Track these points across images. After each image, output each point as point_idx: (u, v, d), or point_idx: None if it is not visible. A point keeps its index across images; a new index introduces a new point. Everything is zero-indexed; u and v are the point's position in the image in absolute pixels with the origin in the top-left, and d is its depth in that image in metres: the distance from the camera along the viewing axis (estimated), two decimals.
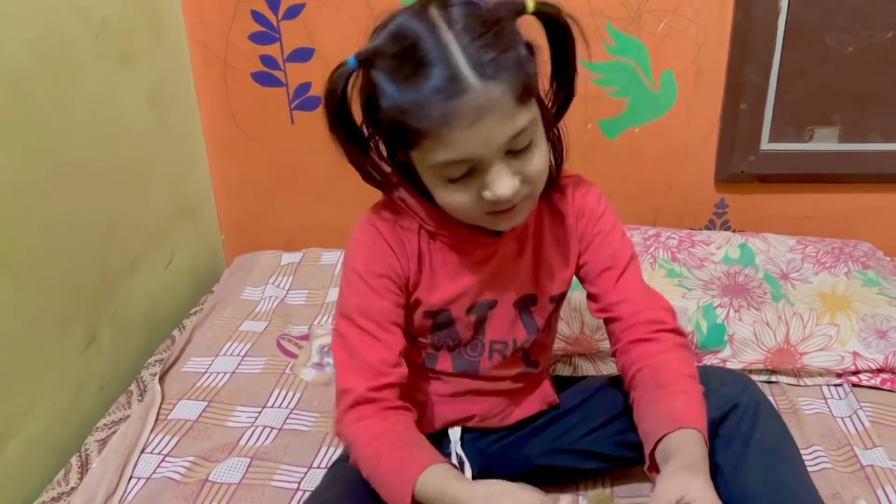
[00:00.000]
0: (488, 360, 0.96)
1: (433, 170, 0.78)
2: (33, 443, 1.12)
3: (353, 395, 0.87)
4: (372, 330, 0.88)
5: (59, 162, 1.16)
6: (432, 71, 0.71)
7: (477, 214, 0.81)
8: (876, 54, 1.42)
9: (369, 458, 0.85)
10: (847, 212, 1.58)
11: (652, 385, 0.89)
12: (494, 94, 0.72)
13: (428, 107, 0.72)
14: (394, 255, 0.89)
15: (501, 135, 0.75)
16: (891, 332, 1.23)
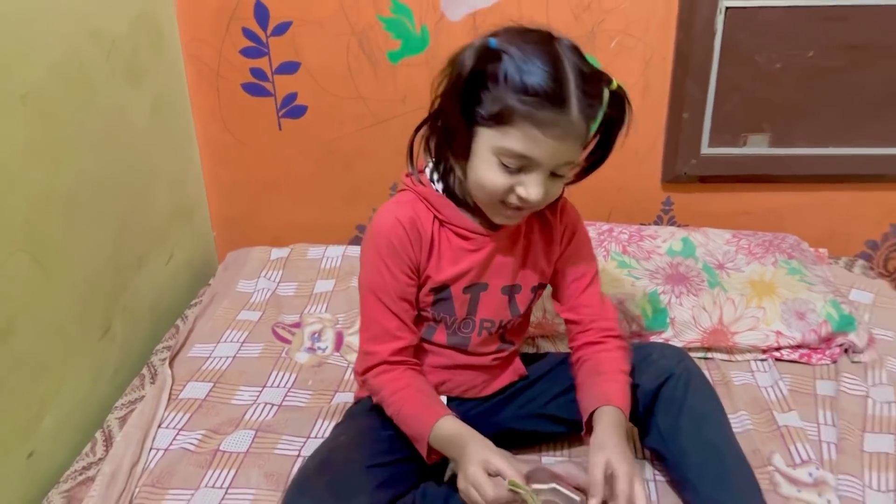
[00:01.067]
0: (478, 336, 1.13)
1: (498, 150, 0.94)
2: (63, 420, 1.26)
3: (376, 357, 1.07)
4: (389, 302, 1.06)
5: (80, 172, 1.30)
6: (552, 85, 0.89)
7: (495, 199, 0.99)
8: (799, 70, 1.60)
9: (394, 403, 1.05)
10: (777, 208, 1.76)
11: (593, 372, 1.10)
12: (580, 129, 0.93)
13: (536, 105, 0.90)
14: (410, 245, 1.05)
15: (561, 158, 0.95)
16: (808, 313, 1.43)
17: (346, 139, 1.77)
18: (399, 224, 1.05)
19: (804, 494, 1.11)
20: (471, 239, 1.08)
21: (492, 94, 0.93)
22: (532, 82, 0.90)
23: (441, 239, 1.08)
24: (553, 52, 0.92)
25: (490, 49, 0.93)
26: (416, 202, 1.07)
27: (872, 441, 1.20)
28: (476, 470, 0.93)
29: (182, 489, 1.15)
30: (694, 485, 1.06)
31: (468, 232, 1.07)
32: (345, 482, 0.99)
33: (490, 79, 0.92)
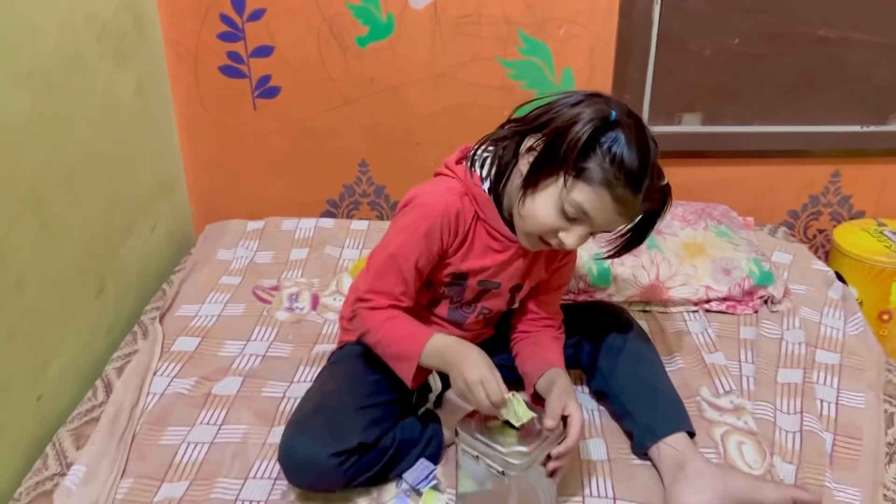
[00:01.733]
0: (474, 318, 1.28)
1: (566, 198, 1.06)
2: (66, 369, 1.38)
3: (372, 303, 1.16)
4: (405, 272, 1.15)
5: (77, 144, 1.42)
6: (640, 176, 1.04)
7: (538, 233, 1.12)
8: (727, 56, 1.79)
9: (384, 328, 1.15)
10: (709, 181, 1.94)
11: (532, 345, 1.28)
12: (636, 212, 1.09)
13: (621, 184, 1.03)
14: (448, 232, 1.16)
15: (611, 227, 1.11)
16: (734, 270, 1.61)
17: (318, 118, 1.90)
18: (447, 213, 1.14)
19: (725, 418, 1.29)
20: (499, 241, 1.19)
21: (594, 156, 1.04)
22: (628, 163, 1.03)
23: (475, 235, 1.19)
24: (648, 145, 1.05)
25: (609, 122, 1.04)
26: (464, 195, 1.17)
27: (784, 374, 1.39)
28: (489, 377, 1.05)
29: (179, 426, 1.28)
30: (631, 413, 1.24)
31: (499, 234, 1.19)
32: (339, 423, 1.12)
33: (597, 146, 1.04)
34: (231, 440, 1.25)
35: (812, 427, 1.25)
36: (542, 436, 1.05)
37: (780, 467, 1.18)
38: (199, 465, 1.20)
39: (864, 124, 1.86)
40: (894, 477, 1.17)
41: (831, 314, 1.55)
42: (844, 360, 1.42)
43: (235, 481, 1.17)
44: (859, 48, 1.77)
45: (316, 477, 1.10)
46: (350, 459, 1.09)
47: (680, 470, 1.13)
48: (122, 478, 1.17)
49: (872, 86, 1.81)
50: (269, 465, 1.20)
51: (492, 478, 1.05)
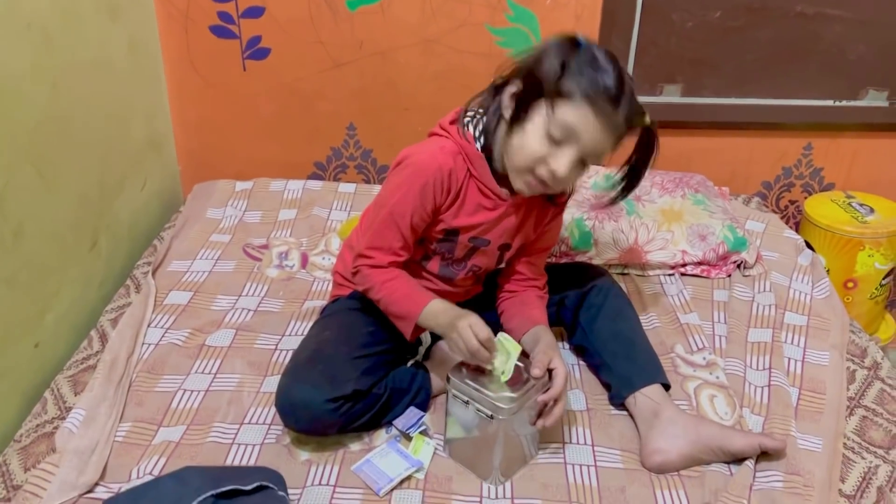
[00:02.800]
0: (464, 275, 1.32)
1: (551, 121, 1.10)
2: (61, 319, 1.41)
3: (373, 261, 1.22)
4: (402, 226, 1.20)
5: (73, 96, 1.44)
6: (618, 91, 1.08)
7: (528, 165, 1.14)
8: (708, 29, 1.84)
9: (385, 288, 1.21)
10: (687, 151, 2.00)
11: (518, 303, 1.33)
12: (620, 128, 1.11)
13: (600, 97, 1.07)
14: (442, 190, 1.20)
15: (598, 147, 1.12)
16: (709, 236, 1.68)
17: (307, 81, 1.93)
18: (440, 170, 1.18)
19: (698, 373, 1.36)
20: (490, 199, 1.23)
21: (566, 75, 1.08)
22: (603, 77, 1.07)
23: (467, 192, 1.23)
24: (621, 66, 1.10)
25: (579, 44, 1.10)
26: (457, 154, 1.21)
27: (755, 334, 1.46)
28: (477, 318, 1.12)
29: (174, 375, 1.33)
30: (610, 366, 1.31)
31: (490, 192, 1.23)
32: (334, 370, 1.16)
33: (569, 63, 1.09)
34: (226, 388, 1.29)
35: (779, 382, 1.32)
36: (529, 383, 1.11)
37: (749, 418, 1.26)
38: (196, 411, 1.25)
39: (837, 99, 1.93)
40: (854, 428, 1.25)
41: (800, 279, 1.62)
42: (811, 322, 1.50)
43: (231, 426, 1.22)
44: (835, 24, 1.83)
45: (312, 421, 1.15)
46: (345, 405, 1.14)
47: (655, 418, 1.19)
48: (120, 421, 1.21)
49: (846, 62, 1.87)
50: (264, 411, 1.25)
51: (479, 423, 1.11)
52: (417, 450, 1.17)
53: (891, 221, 1.90)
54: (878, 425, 1.25)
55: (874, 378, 1.37)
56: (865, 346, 1.45)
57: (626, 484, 1.13)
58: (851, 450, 1.20)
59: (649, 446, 1.17)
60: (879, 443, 1.22)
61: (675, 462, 1.15)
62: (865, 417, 1.27)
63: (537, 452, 1.18)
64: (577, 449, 1.20)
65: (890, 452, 1.20)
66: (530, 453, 1.18)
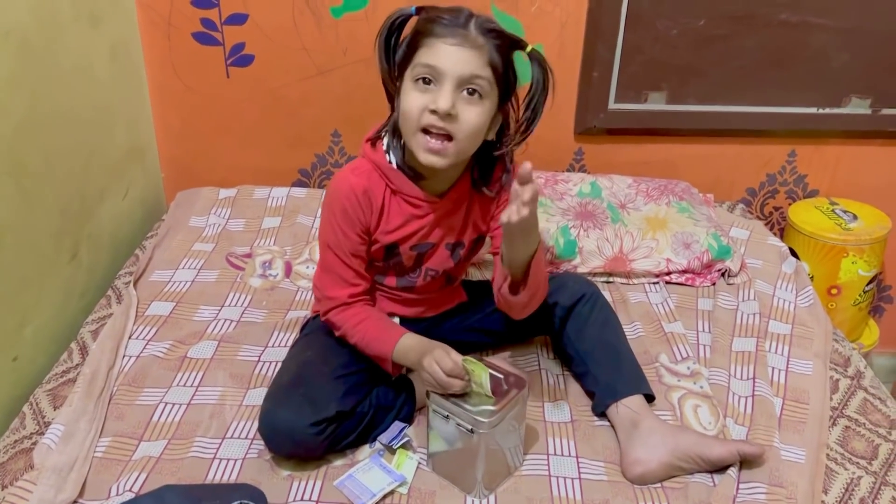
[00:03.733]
0: (422, 280, 1.31)
1: (412, 72, 1.11)
2: (40, 331, 1.40)
3: (335, 301, 1.23)
4: (343, 257, 1.22)
5: (53, 105, 1.42)
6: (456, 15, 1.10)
7: (416, 125, 1.12)
8: (692, 37, 1.84)
9: (357, 333, 1.22)
10: (672, 158, 2.00)
11: None
12: (478, 41, 1.09)
13: (439, 25, 1.09)
14: (362, 210, 1.20)
15: (466, 67, 1.09)
16: (693, 244, 1.68)
17: (291, 88, 1.92)
18: (352, 192, 1.20)
19: (682, 382, 1.36)
20: (419, 206, 1.24)
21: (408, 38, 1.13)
22: (440, 13, 1.10)
23: (391, 205, 1.23)
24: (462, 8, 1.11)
25: (410, 13, 1.13)
26: (371, 171, 1.22)
27: (739, 343, 1.46)
28: (440, 352, 1.11)
29: (156, 388, 1.31)
30: (594, 374, 1.30)
31: (416, 199, 1.23)
32: (316, 392, 1.16)
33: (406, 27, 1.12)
34: (208, 401, 1.28)
35: (763, 392, 1.32)
36: (510, 394, 1.11)
37: (733, 429, 1.26)
38: (177, 424, 1.23)
39: (821, 107, 1.93)
40: (836, 439, 1.25)
41: (784, 287, 1.63)
42: (795, 331, 1.50)
43: (213, 440, 1.20)
44: (818, 32, 1.84)
45: (296, 446, 1.14)
46: (329, 428, 1.13)
47: (634, 428, 1.19)
48: (100, 436, 1.20)
49: (829, 69, 1.88)
50: (246, 425, 1.24)
51: (461, 437, 1.10)
52: (400, 464, 1.16)
53: (873, 228, 1.91)
54: (861, 436, 1.26)
55: (857, 387, 1.37)
56: (849, 354, 1.46)
57: (609, 497, 1.13)
58: (834, 461, 1.20)
59: (629, 457, 1.17)
60: (862, 453, 1.22)
61: (656, 472, 1.15)
62: (848, 427, 1.27)
63: (522, 463, 1.18)
64: (562, 461, 1.19)
65: (872, 463, 1.20)
66: (514, 465, 1.17)
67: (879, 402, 1.33)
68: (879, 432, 1.26)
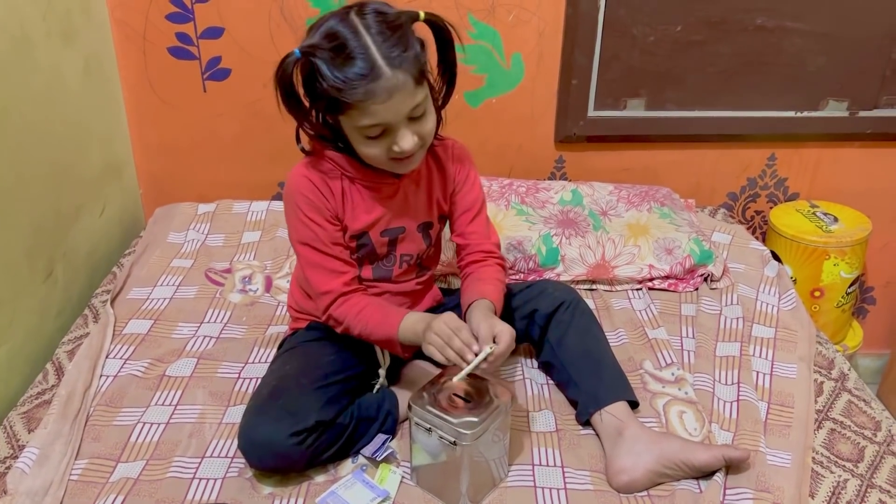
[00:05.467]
0: (398, 268, 1.30)
1: (357, 130, 1.11)
2: (14, 353, 1.37)
3: (331, 295, 1.22)
4: (324, 248, 1.21)
5: (25, 122, 1.40)
6: (357, 63, 1.04)
7: (385, 161, 1.15)
8: (669, 43, 1.84)
9: (360, 321, 1.20)
10: (652, 164, 2.01)
11: (475, 279, 1.30)
12: (400, 79, 1.05)
13: (355, 87, 1.04)
14: (324, 197, 1.20)
15: (405, 107, 1.09)
16: (675, 249, 1.68)
17: (269, 101, 1.84)
18: (308, 180, 1.20)
19: (667, 389, 1.35)
20: (379, 189, 1.23)
21: (320, 91, 1.07)
22: (341, 70, 1.03)
23: (352, 192, 1.23)
24: (349, 27, 1.04)
25: (297, 59, 1.07)
26: (323, 162, 1.21)
27: (722, 347, 1.45)
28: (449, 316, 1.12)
29: (133, 407, 1.29)
30: (577, 383, 1.29)
31: (375, 182, 1.23)
32: (296, 403, 1.14)
33: (315, 81, 1.07)
34: (187, 420, 1.26)
35: (748, 396, 1.31)
36: (493, 405, 1.09)
37: (718, 434, 1.25)
38: (155, 444, 1.21)
39: (798, 110, 1.94)
40: (822, 442, 1.24)
41: (767, 291, 1.63)
42: (778, 334, 1.50)
43: (192, 460, 1.18)
44: (794, 36, 1.84)
45: (277, 458, 1.12)
46: (309, 438, 1.11)
47: (618, 436, 1.18)
48: (76, 458, 1.17)
49: (806, 73, 1.89)
50: (226, 443, 1.21)
51: (444, 449, 1.09)
52: (384, 479, 1.14)
53: (854, 230, 1.91)
54: (847, 438, 1.25)
55: (841, 389, 1.37)
56: (832, 357, 1.46)
57: None
58: (820, 464, 1.20)
59: (615, 465, 1.16)
60: (848, 456, 1.21)
61: (641, 479, 1.14)
62: (833, 430, 1.27)
63: (507, 475, 1.17)
64: (547, 471, 1.18)
65: (859, 465, 1.19)
66: (499, 476, 1.16)
67: (864, 403, 1.33)
68: (865, 434, 1.26)
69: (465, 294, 1.27)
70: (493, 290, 1.26)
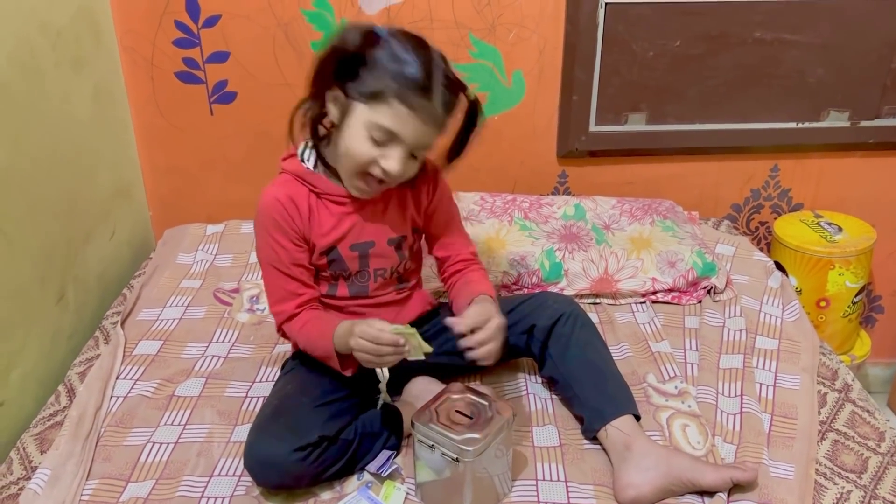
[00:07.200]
0: (374, 283, 1.32)
1: (369, 125, 1.12)
2: (28, 375, 1.40)
3: (284, 314, 1.26)
4: (284, 269, 1.24)
5: (35, 150, 1.44)
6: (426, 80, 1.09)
7: (359, 168, 1.17)
8: (669, 58, 1.86)
9: (302, 337, 1.24)
10: (655, 177, 2.02)
11: (462, 284, 1.33)
12: (439, 118, 1.13)
13: (410, 93, 1.09)
14: (290, 218, 1.23)
15: (424, 139, 1.14)
16: (678, 262, 1.69)
17: (274, 123, 1.91)
18: (278, 202, 1.22)
19: (670, 402, 1.36)
20: (344, 203, 1.25)
21: (371, 74, 1.10)
22: (408, 71, 1.09)
23: (319, 208, 1.25)
24: (427, 52, 1.11)
25: (374, 34, 1.10)
26: (291, 181, 1.24)
27: (726, 360, 1.46)
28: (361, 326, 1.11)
29: (143, 427, 1.31)
30: (580, 398, 1.30)
31: (341, 197, 1.25)
32: (299, 420, 1.16)
33: (371, 60, 1.10)
34: (195, 439, 1.28)
35: (751, 409, 1.32)
36: (494, 421, 1.11)
37: (722, 447, 1.25)
38: (164, 464, 1.23)
39: (800, 121, 1.95)
40: (826, 453, 1.25)
41: (770, 302, 1.63)
42: (782, 345, 1.50)
43: (201, 479, 1.20)
44: (792, 48, 1.86)
45: (282, 475, 1.13)
46: (313, 453, 1.13)
47: (627, 451, 1.19)
48: (87, 479, 1.19)
49: (806, 84, 1.90)
50: (234, 462, 1.23)
51: (448, 466, 1.10)
52: (388, 495, 1.16)
53: (858, 240, 1.92)
54: (850, 449, 1.25)
55: (845, 400, 1.37)
56: (836, 367, 1.46)
57: None
58: (824, 476, 1.20)
59: (622, 480, 1.17)
60: (851, 467, 1.22)
61: (648, 496, 1.15)
62: (837, 441, 1.27)
63: (510, 490, 1.18)
64: (551, 486, 1.19)
65: (862, 477, 1.20)
66: (503, 492, 1.17)
67: (868, 414, 1.33)
68: (868, 445, 1.26)
69: (460, 296, 1.29)
70: (488, 287, 1.29)
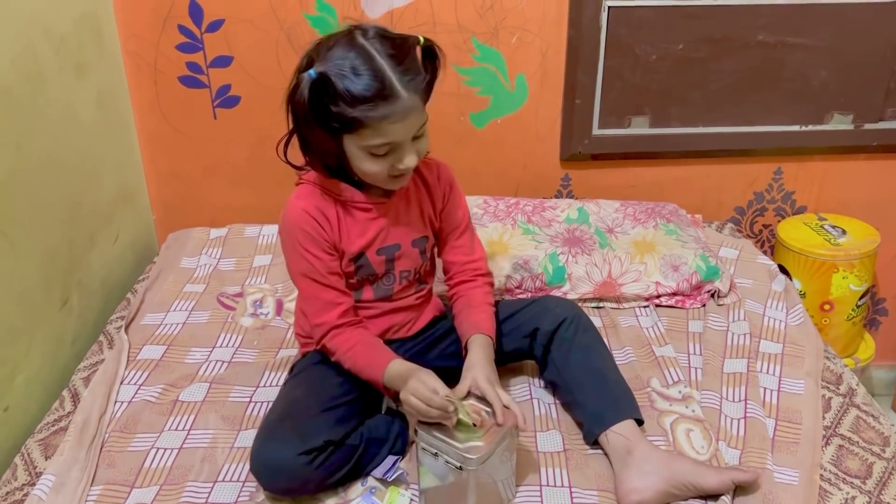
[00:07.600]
0: (398, 285, 1.33)
1: (363, 149, 1.14)
2: (32, 380, 1.40)
3: (326, 326, 1.26)
4: (321, 279, 1.25)
5: (39, 155, 1.44)
6: (375, 85, 1.08)
7: (384, 179, 1.19)
8: (671, 61, 1.86)
9: (349, 359, 1.25)
10: (658, 181, 2.02)
11: (465, 305, 1.34)
12: (414, 101, 1.11)
13: (374, 108, 1.09)
14: (320, 227, 1.24)
15: (415, 127, 1.15)
16: (681, 266, 1.68)
17: (278, 127, 1.90)
18: (306, 213, 1.23)
19: (674, 407, 1.36)
20: (370, 209, 1.27)
21: (335, 112, 1.10)
22: (359, 91, 1.08)
23: (346, 217, 1.26)
24: (362, 51, 1.09)
25: (314, 80, 1.09)
26: (315, 192, 1.25)
27: (730, 364, 1.46)
28: (413, 382, 1.13)
29: (147, 433, 1.31)
30: (581, 403, 1.30)
31: (366, 204, 1.26)
32: (305, 425, 1.17)
33: (328, 99, 1.10)
34: (199, 445, 1.28)
35: (755, 414, 1.32)
36: (498, 430, 1.11)
37: (726, 452, 1.25)
38: (169, 469, 1.23)
39: (803, 124, 1.95)
40: (830, 458, 1.25)
41: (774, 306, 1.63)
42: (786, 350, 1.50)
43: (205, 485, 1.20)
44: (796, 51, 1.85)
45: (289, 479, 1.14)
46: (319, 458, 1.13)
47: (628, 455, 1.19)
48: (91, 485, 1.20)
49: (809, 87, 1.90)
50: (238, 468, 1.23)
51: (451, 472, 1.10)
52: (392, 501, 1.16)
53: (862, 243, 1.91)
54: (855, 454, 1.25)
55: (849, 405, 1.37)
56: (840, 371, 1.46)
57: None
58: (828, 481, 1.20)
59: (625, 485, 1.17)
60: (856, 472, 1.21)
61: (652, 501, 1.14)
62: (842, 446, 1.27)
63: (514, 496, 1.18)
64: (554, 492, 1.18)
65: (867, 482, 1.19)
66: (507, 497, 1.17)
67: (872, 419, 1.33)
68: (873, 450, 1.26)
69: (461, 324, 1.32)
70: (487, 318, 1.32)
